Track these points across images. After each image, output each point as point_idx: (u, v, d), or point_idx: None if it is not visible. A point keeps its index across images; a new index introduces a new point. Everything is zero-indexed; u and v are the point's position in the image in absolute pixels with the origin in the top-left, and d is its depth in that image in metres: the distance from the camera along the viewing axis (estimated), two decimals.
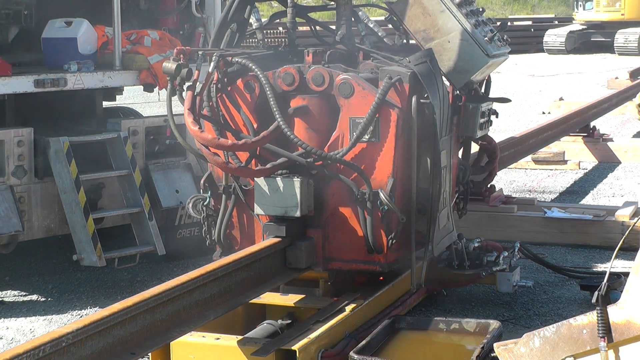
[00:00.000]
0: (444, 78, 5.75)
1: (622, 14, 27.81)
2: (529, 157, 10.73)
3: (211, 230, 5.60)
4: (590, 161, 11.46)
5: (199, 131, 5.16)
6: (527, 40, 30.84)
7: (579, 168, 10.93)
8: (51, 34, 7.36)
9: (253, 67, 5.31)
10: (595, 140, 11.65)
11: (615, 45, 27.30)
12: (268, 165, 5.28)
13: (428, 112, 5.27)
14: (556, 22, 33.55)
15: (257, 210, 5.32)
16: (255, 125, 5.39)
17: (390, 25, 6.30)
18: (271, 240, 5.21)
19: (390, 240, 5.29)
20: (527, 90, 19.31)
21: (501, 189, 8.55)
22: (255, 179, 5.30)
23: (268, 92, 5.26)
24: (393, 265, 5.45)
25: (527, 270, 6.84)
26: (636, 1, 27.66)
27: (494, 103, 6.24)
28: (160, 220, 7.29)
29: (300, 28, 6.63)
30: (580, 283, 6.40)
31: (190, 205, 5.61)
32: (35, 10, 7.92)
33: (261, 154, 5.37)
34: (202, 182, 5.63)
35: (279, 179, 5.23)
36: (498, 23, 6.17)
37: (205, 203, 5.59)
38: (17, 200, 6.64)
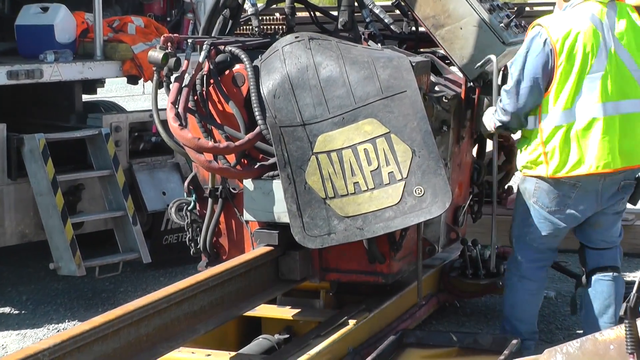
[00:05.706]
0: (455, 68, 5.74)
1: None
2: None
3: (196, 238, 5.54)
4: None
5: (179, 128, 5.02)
6: None
7: None
8: (26, 21, 7.36)
9: (243, 58, 5.24)
10: None
11: None
12: (257, 166, 5.22)
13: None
14: None
15: (247, 216, 5.27)
16: (246, 120, 5.29)
17: (397, 11, 6.30)
18: (263, 249, 5.17)
19: (394, 248, 5.25)
20: None
21: None
22: (244, 181, 5.26)
23: (252, 89, 5.17)
24: (397, 276, 5.41)
25: (548, 280, 6.80)
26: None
27: None
28: (145, 225, 7.29)
29: (299, 14, 6.63)
30: None
31: (174, 209, 5.54)
32: None
33: (251, 153, 5.30)
34: (185, 184, 5.55)
35: (270, 182, 5.18)
36: (515, 8, 6.16)
37: (189, 207, 5.53)
38: None
